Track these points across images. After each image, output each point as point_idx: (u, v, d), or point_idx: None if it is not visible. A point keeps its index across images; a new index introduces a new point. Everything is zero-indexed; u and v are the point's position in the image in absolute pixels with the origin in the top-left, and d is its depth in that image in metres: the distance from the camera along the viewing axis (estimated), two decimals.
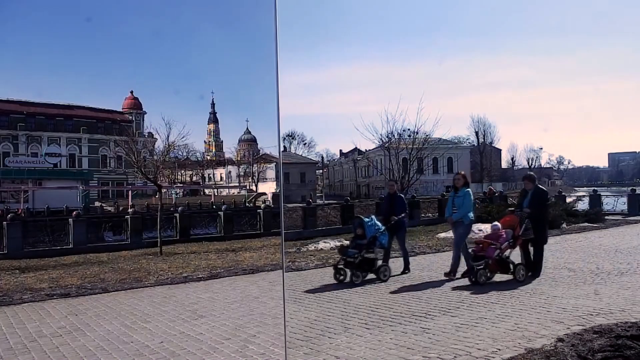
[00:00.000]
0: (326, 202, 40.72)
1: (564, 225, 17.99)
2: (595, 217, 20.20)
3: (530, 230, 8.22)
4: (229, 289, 8.27)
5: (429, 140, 24.00)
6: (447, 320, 5.72)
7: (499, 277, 8.04)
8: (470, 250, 8.46)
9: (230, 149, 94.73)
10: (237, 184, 71.77)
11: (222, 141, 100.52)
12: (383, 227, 8.74)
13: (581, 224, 18.64)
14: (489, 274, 7.92)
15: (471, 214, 8.74)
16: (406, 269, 9.15)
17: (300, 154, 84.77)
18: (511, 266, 7.99)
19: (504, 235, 8.07)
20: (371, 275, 8.50)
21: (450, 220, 8.87)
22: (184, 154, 73.00)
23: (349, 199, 27.29)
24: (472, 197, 8.79)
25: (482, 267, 7.80)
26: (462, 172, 9.58)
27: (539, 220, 8.35)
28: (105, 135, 66.53)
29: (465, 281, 8.08)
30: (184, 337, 5.44)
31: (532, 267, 8.28)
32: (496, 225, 8.39)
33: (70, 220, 18.17)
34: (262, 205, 26.17)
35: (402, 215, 9.24)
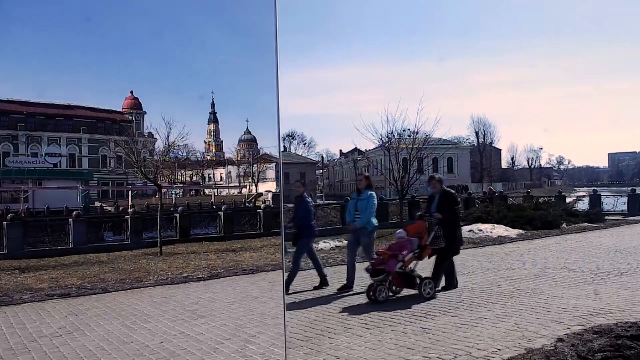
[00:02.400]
0: (326, 202, 40.77)
1: (564, 225, 18.02)
2: (595, 217, 20.20)
3: (441, 239, 7.22)
4: (229, 289, 8.27)
5: (429, 140, 23.96)
6: (447, 320, 5.72)
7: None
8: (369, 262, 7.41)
9: (230, 149, 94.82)
10: (237, 184, 71.82)
11: (222, 141, 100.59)
12: None
13: (581, 224, 18.64)
14: (396, 288, 7.07)
15: (374, 220, 7.80)
16: (322, 283, 7.94)
17: (300, 154, 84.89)
18: (417, 280, 7.00)
19: (409, 245, 7.03)
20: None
21: (352, 227, 7.86)
22: (184, 154, 73.03)
23: (349, 199, 27.27)
24: (375, 200, 7.88)
25: (382, 282, 6.79)
26: (366, 174, 8.72)
27: (448, 228, 7.36)
28: (105, 135, 66.56)
29: (466, 281, 8.07)
30: (184, 337, 5.44)
31: (446, 281, 7.48)
32: (401, 232, 7.33)
33: (70, 220, 18.16)
34: (262, 205, 26.17)
35: (309, 222, 8.09)
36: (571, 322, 5.39)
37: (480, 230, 16.05)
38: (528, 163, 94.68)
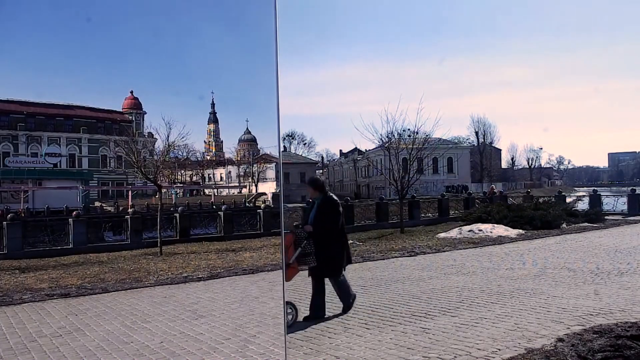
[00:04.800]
0: None
1: (564, 225, 18.03)
2: (595, 217, 20.23)
3: (312, 257, 5.90)
4: (229, 289, 8.27)
5: (429, 140, 23.94)
6: (447, 320, 5.71)
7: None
8: None
9: (230, 149, 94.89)
10: (237, 184, 71.86)
11: (222, 141, 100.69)
12: None
13: (581, 224, 18.67)
14: None
15: None
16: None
17: (300, 154, 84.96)
18: None
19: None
20: None
21: None
22: (184, 154, 73.06)
23: (349, 199, 27.31)
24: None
25: None
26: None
27: (326, 243, 6.01)
28: (105, 135, 66.59)
29: (466, 281, 8.07)
30: (184, 337, 5.44)
31: (342, 301, 6.31)
32: None
33: (70, 220, 18.18)
34: (262, 205, 26.17)
35: None
36: (571, 322, 5.39)
37: (480, 230, 16.08)
38: (528, 163, 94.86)
